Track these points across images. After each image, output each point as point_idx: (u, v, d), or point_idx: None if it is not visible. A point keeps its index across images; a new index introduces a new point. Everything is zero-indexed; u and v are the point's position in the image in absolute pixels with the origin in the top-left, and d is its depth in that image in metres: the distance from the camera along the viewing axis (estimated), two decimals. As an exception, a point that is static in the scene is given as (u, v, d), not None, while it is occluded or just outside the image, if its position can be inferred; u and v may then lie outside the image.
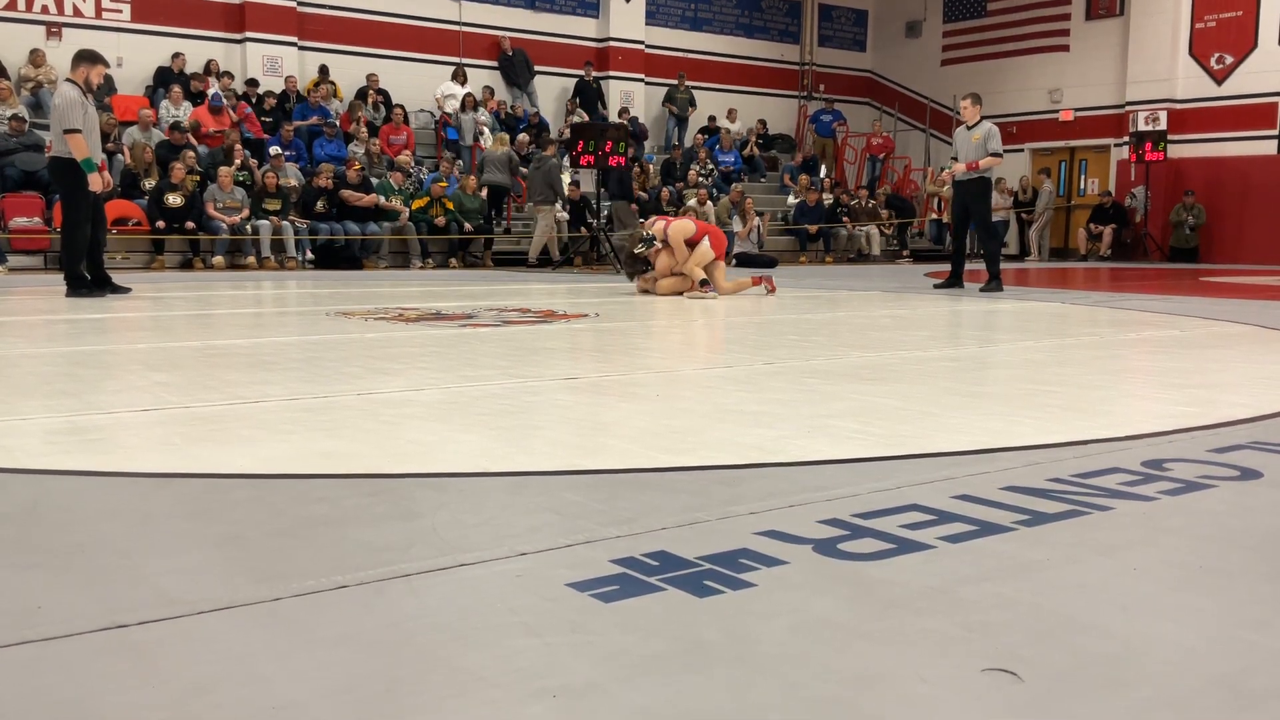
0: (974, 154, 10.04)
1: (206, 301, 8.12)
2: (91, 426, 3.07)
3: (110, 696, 1.33)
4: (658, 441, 2.95)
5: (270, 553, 1.91)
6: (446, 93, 17.19)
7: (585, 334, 6.08)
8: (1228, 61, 18.35)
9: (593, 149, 14.16)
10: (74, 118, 8.02)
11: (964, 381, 4.25)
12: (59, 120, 8.06)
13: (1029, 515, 2.18)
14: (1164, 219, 18.79)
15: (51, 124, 8.27)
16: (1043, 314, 7.69)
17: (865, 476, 2.51)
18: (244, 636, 1.53)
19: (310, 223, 13.64)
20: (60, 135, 8.07)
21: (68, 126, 8.00)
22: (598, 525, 2.07)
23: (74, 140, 8.02)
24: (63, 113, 8.01)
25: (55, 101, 8.16)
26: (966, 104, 10.30)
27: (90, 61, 8.31)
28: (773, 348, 5.38)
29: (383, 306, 7.55)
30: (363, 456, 2.73)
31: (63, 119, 8.00)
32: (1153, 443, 2.95)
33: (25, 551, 1.91)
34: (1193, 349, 5.45)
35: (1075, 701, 1.33)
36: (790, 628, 1.57)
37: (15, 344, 5.16)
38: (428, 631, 1.54)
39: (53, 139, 8.31)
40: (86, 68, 8.27)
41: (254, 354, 4.85)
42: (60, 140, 8.10)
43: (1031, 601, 1.69)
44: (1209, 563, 1.92)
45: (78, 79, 8.23)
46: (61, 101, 8.06)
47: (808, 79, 22.52)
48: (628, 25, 19.79)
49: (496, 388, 3.85)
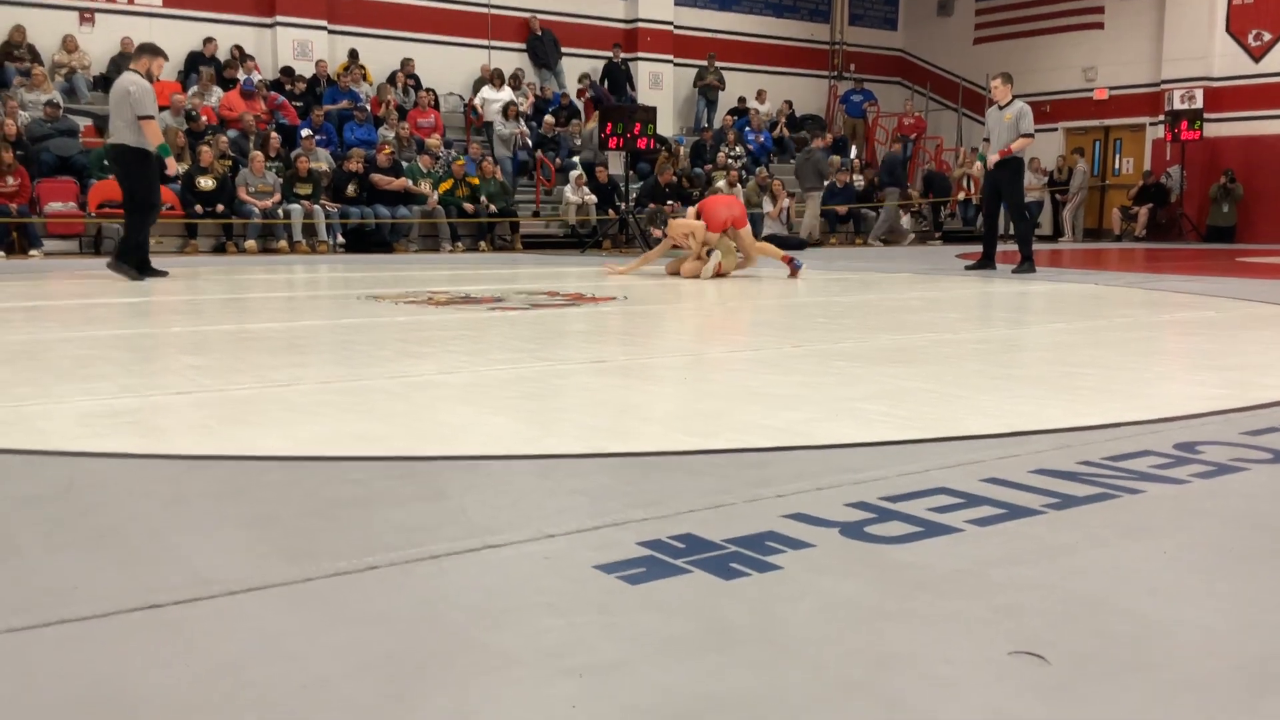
0: (1006, 134, 9.93)
1: (239, 285, 8.19)
2: (126, 409, 3.11)
3: (145, 674, 1.36)
4: (685, 424, 2.95)
5: (302, 533, 1.94)
6: (488, 99, 16.64)
7: (613, 317, 6.09)
8: (1265, 38, 18.04)
9: (621, 131, 14.14)
10: (149, 105, 8.28)
11: (994, 364, 4.23)
12: (132, 107, 8.22)
13: (1058, 498, 2.17)
14: (1200, 199, 18.54)
15: (117, 112, 8.39)
16: (1076, 295, 7.62)
17: (893, 459, 2.51)
18: (275, 615, 1.55)
19: (341, 206, 13.71)
20: (130, 122, 8.24)
21: (143, 113, 8.23)
22: (625, 507, 2.08)
23: (150, 126, 8.28)
24: (137, 100, 8.21)
25: (129, 89, 8.27)
26: (997, 83, 10.19)
27: (152, 54, 8.65)
28: (801, 330, 5.37)
29: (413, 290, 7.59)
30: (393, 438, 2.75)
31: (137, 106, 8.21)
32: (1185, 425, 2.92)
33: (61, 532, 1.95)
34: (1228, 330, 5.39)
35: (1101, 684, 1.33)
36: (816, 610, 1.57)
37: (51, 328, 5.23)
38: (456, 611, 1.56)
39: (116, 126, 8.44)
40: (149, 59, 8.58)
41: (287, 337, 4.89)
42: (129, 127, 8.27)
43: (1059, 585, 1.68)
44: (1239, 546, 1.90)
45: (140, 69, 8.50)
46: (136, 90, 8.25)
47: (838, 59, 22.33)
48: (656, 6, 19.69)
49: (525, 370, 3.87)
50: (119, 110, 8.35)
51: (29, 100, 13.16)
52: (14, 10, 14.40)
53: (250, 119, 14.20)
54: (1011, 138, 9.88)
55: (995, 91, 10.19)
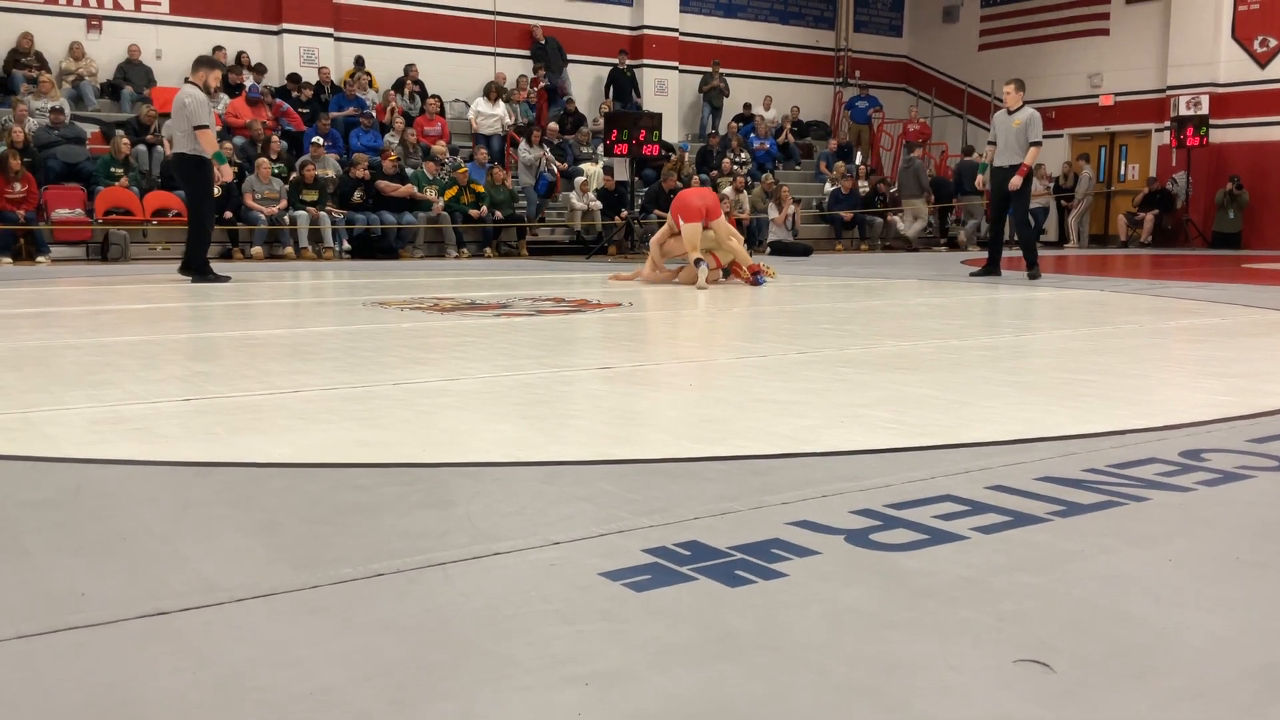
0: (1014, 140, 9.90)
1: (245, 291, 8.20)
2: (133, 416, 3.12)
3: (151, 680, 1.36)
4: (690, 431, 2.95)
5: (308, 540, 1.94)
6: (482, 111, 16.30)
7: (619, 323, 6.09)
8: (1271, 45, 18.02)
9: (626, 137, 14.16)
10: (204, 115, 8.75)
11: (1000, 370, 4.22)
12: (190, 118, 8.66)
13: (1064, 506, 2.17)
14: (1205, 205, 18.51)
15: (176, 123, 8.86)
16: (1081, 301, 7.62)
17: (898, 466, 2.51)
18: (281, 622, 1.55)
19: (347, 213, 13.74)
20: (189, 133, 8.71)
21: (199, 123, 8.68)
22: (630, 515, 2.08)
23: (205, 136, 8.75)
24: (193, 111, 8.66)
25: (185, 102, 8.73)
26: (1010, 89, 10.13)
27: (209, 66, 9.41)
28: (807, 337, 5.37)
29: (418, 296, 7.60)
30: (399, 445, 2.76)
31: (193, 116, 8.65)
32: (1191, 433, 2.92)
33: (69, 538, 1.95)
34: (1234, 337, 5.38)
35: (1107, 692, 1.33)
36: (821, 617, 1.57)
37: (59, 334, 5.25)
38: (462, 618, 1.56)
39: (176, 137, 8.92)
40: (206, 72, 9.27)
41: (292, 344, 4.90)
42: (188, 138, 8.73)
43: (1065, 592, 1.68)
44: (1245, 554, 1.90)
45: (198, 81, 9.14)
46: (192, 101, 8.72)
47: (843, 65, 22.35)
48: (662, 13, 19.72)
49: (530, 377, 3.87)
50: (178, 122, 8.85)
51: (36, 107, 13.21)
52: (22, 17, 14.47)
53: (258, 126, 14.23)
54: (1020, 144, 9.85)
55: (1007, 98, 10.13)
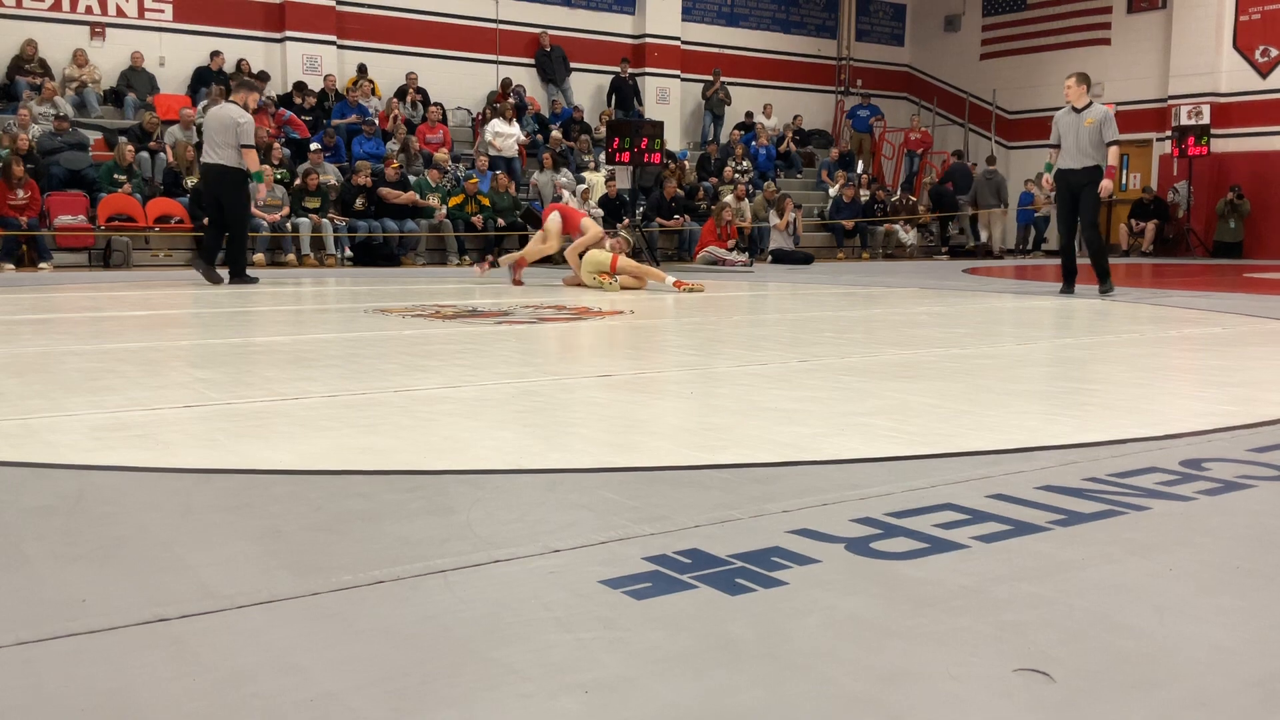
0: (1085, 140, 8.80)
1: (247, 298, 8.21)
2: (135, 422, 3.12)
3: (152, 687, 1.36)
4: (691, 439, 2.96)
5: (309, 547, 1.94)
6: (501, 131, 16.21)
7: (620, 331, 6.10)
8: (1273, 54, 18.04)
9: (628, 146, 14.18)
10: (251, 136, 9.63)
11: (1001, 379, 4.22)
12: (240, 136, 9.51)
13: (1064, 515, 2.17)
14: (1207, 214, 18.52)
15: (220, 137, 9.57)
16: (1082, 310, 7.62)
17: (899, 475, 2.51)
18: (282, 629, 1.55)
19: (349, 220, 13.75)
20: (235, 148, 9.53)
21: (247, 143, 9.57)
22: (630, 523, 2.08)
23: (251, 155, 9.70)
24: (245, 130, 9.54)
25: (239, 121, 9.52)
26: (1072, 83, 8.95)
27: (249, 88, 10.19)
28: (808, 345, 5.37)
29: (420, 303, 7.61)
30: (400, 452, 2.76)
31: (243, 136, 9.53)
32: (1191, 442, 2.92)
33: (70, 545, 1.95)
34: (1234, 346, 5.38)
35: (1107, 702, 1.33)
36: (822, 626, 1.57)
37: (61, 341, 5.25)
38: (462, 626, 1.56)
39: (217, 149, 9.59)
40: (246, 93, 9.99)
41: (294, 351, 4.90)
42: (232, 151, 9.53)
43: (1065, 602, 1.68)
44: (1246, 564, 1.90)
45: (239, 101, 9.81)
46: (245, 122, 9.56)
47: (845, 74, 22.38)
48: (664, 21, 19.76)
49: (531, 385, 3.87)
50: (225, 136, 9.53)
51: (40, 114, 13.23)
52: (26, 25, 14.50)
53: (262, 134, 14.24)
54: (1094, 144, 8.78)
55: (1069, 93, 8.96)
